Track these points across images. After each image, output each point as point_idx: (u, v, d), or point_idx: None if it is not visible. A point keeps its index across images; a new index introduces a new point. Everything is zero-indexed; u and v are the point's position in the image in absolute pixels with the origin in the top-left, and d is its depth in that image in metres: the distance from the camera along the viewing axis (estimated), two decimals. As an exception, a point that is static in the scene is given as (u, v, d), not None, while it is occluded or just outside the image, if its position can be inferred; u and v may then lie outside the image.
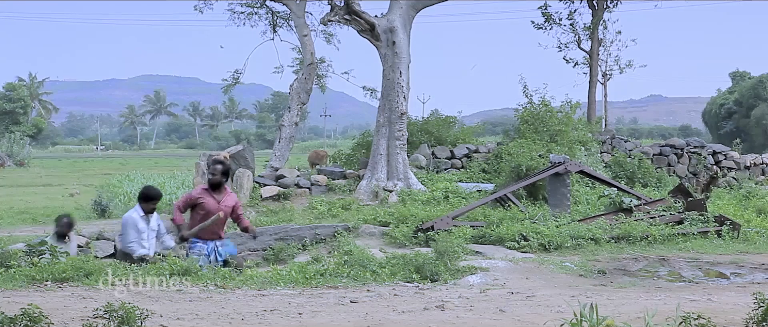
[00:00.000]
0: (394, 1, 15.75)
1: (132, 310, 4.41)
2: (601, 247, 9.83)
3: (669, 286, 7.67)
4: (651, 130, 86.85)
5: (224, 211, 8.06)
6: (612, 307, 5.59)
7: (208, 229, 7.97)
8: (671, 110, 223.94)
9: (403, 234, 10.66)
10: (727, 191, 16.25)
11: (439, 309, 5.75)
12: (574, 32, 27.27)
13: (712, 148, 18.92)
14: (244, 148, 15.03)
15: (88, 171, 36.88)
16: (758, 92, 58.52)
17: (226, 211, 8.12)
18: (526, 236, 9.93)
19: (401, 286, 7.18)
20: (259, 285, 7.16)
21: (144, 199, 8.28)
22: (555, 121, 16.40)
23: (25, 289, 6.58)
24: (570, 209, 11.81)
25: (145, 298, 6.22)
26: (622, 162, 16.68)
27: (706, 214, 11.10)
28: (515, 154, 14.51)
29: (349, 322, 5.20)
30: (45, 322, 4.32)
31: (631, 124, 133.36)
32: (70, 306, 5.66)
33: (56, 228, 8.69)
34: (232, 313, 5.55)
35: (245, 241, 10.34)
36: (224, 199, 8.16)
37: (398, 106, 15.34)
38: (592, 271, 8.41)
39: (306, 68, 18.64)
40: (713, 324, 4.31)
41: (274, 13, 21.57)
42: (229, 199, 8.26)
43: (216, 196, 8.09)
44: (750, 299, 4.71)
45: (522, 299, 6.34)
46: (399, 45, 15.36)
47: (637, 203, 11.53)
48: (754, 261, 9.19)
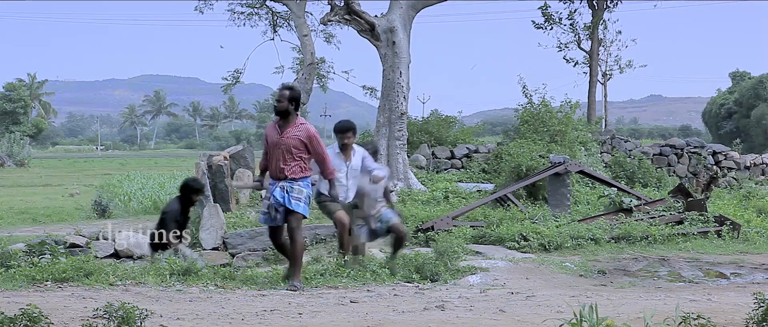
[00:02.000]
0: (394, 1, 15.75)
1: (132, 310, 4.41)
2: (601, 247, 9.83)
3: (669, 286, 7.67)
4: (651, 130, 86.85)
5: (285, 144, 7.05)
6: (612, 307, 5.59)
7: (271, 166, 7.18)
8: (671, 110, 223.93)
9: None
10: (727, 191, 16.26)
11: (439, 309, 5.75)
12: (574, 32, 27.32)
13: (712, 148, 18.93)
14: (244, 148, 15.00)
15: (88, 171, 36.88)
16: (758, 92, 58.49)
17: (290, 144, 7.06)
18: (526, 236, 9.93)
19: (401, 286, 7.18)
20: (259, 285, 7.17)
21: (339, 130, 8.01)
22: (555, 122, 16.40)
23: (25, 289, 6.58)
24: (570, 209, 11.81)
25: (145, 298, 6.22)
26: (622, 162, 16.68)
27: (706, 214, 11.10)
28: (515, 154, 14.51)
29: (349, 322, 5.20)
30: (45, 322, 4.32)
31: (631, 124, 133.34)
32: (70, 306, 5.66)
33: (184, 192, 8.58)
34: (232, 313, 5.55)
35: (245, 240, 10.34)
36: (289, 130, 7.11)
37: (398, 106, 15.34)
38: (592, 271, 8.41)
39: (306, 68, 18.64)
40: (713, 324, 4.31)
41: (274, 13, 21.57)
42: (299, 130, 7.12)
43: (280, 127, 7.16)
44: (750, 299, 4.71)
45: (522, 299, 6.34)
46: (399, 45, 15.35)
47: (637, 203, 11.53)
48: (754, 261, 9.19)
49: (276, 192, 7.07)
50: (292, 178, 7.07)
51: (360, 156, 8.08)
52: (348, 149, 8.01)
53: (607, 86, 31.00)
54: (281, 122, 7.17)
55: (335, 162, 7.64)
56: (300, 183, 7.12)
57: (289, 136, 7.08)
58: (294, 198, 7.05)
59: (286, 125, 7.13)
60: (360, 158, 8.07)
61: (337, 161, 7.78)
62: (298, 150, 7.08)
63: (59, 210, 15.45)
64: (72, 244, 9.23)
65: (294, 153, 7.07)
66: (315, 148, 7.15)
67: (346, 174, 7.94)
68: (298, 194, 7.08)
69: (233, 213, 11.81)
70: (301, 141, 7.09)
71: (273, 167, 7.16)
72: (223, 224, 10.49)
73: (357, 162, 8.04)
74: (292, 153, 7.06)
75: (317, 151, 7.18)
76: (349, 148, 8.01)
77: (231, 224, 10.80)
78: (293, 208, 7.03)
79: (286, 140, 7.08)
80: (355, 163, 8.02)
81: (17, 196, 20.49)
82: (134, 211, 14.64)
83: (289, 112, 7.11)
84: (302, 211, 7.10)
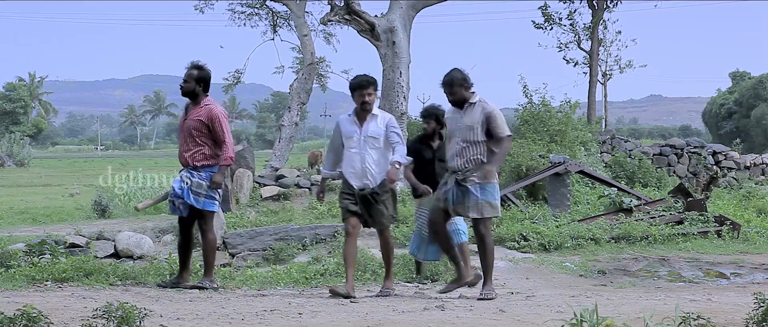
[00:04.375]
0: (394, 1, 15.75)
1: (131, 309, 4.40)
2: (601, 247, 9.83)
3: (669, 286, 7.67)
4: (651, 130, 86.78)
5: (187, 127, 6.62)
6: (612, 307, 5.59)
7: (179, 152, 6.75)
8: (671, 110, 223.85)
9: (403, 234, 10.65)
10: (727, 191, 16.25)
11: (439, 309, 5.75)
12: (574, 32, 27.30)
13: (712, 148, 18.92)
14: (244, 148, 15.02)
15: (88, 171, 36.86)
16: (758, 92, 58.46)
17: (190, 126, 6.61)
18: (526, 236, 9.93)
19: (401, 286, 7.18)
20: (259, 285, 7.17)
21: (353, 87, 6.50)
22: (555, 121, 16.40)
23: (25, 289, 6.58)
24: (570, 209, 11.81)
25: (145, 298, 6.22)
26: (622, 162, 16.68)
27: (706, 214, 11.10)
28: (515, 154, 14.51)
29: (349, 322, 5.20)
30: (44, 322, 4.31)
31: (631, 124, 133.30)
32: (70, 306, 5.65)
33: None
34: (232, 313, 5.54)
35: (245, 240, 10.35)
36: (193, 111, 6.69)
37: (398, 106, 15.33)
38: (592, 271, 8.41)
39: (306, 68, 18.64)
40: (713, 324, 4.31)
41: (274, 14, 21.59)
42: (201, 110, 6.66)
43: (187, 110, 6.78)
44: (750, 299, 4.70)
45: (522, 299, 6.34)
46: (399, 45, 15.35)
47: (637, 203, 11.53)
48: (754, 261, 9.19)
49: (175, 182, 6.71)
50: (194, 166, 6.63)
51: (383, 121, 6.48)
52: (366, 111, 6.48)
53: (607, 86, 30.99)
54: (190, 104, 6.78)
55: (346, 127, 6.51)
56: (202, 173, 6.63)
57: (191, 118, 6.67)
58: (193, 193, 6.63)
59: (192, 107, 6.74)
60: (383, 124, 6.46)
61: (349, 126, 6.51)
62: (200, 132, 6.62)
63: (59, 210, 15.44)
64: (72, 244, 9.22)
65: (195, 136, 6.62)
66: (214, 129, 6.62)
67: (359, 142, 6.44)
68: (198, 188, 6.64)
69: (233, 213, 11.82)
70: (203, 122, 6.62)
71: (179, 153, 6.78)
72: (223, 224, 10.50)
73: (377, 128, 6.45)
74: (193, 136, 6.62)
75: (216, 131, 6.62)
76: (367, 110, 6.46)
77: (231, 224, 10.81)
78: (194, 205, 6.63)
79: (188, 122, 6.67)
80: (373, 129, 6.44)
81: (17, 196, 20.48)
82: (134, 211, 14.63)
83: (196, 94, 6.71)
84: (204, 207, 6.69)
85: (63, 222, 12.66)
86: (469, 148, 6.24)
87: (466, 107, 6.31)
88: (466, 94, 6.31)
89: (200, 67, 6.78)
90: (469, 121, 6.26)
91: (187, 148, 6.66)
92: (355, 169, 6.45)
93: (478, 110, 6.25)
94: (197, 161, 6.64)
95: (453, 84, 6.30)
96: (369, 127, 6.43)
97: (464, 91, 6.30)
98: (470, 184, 6.20)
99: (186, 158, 6.67)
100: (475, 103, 6.29)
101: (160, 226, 10.59)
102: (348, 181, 6.48)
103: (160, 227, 10.57)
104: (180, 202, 6.67)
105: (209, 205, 6.71)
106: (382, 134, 6.41)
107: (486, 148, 6.23)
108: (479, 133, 6.22)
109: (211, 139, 6.67)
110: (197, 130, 6.63)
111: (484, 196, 6.20)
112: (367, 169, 6.43)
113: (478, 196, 6.19)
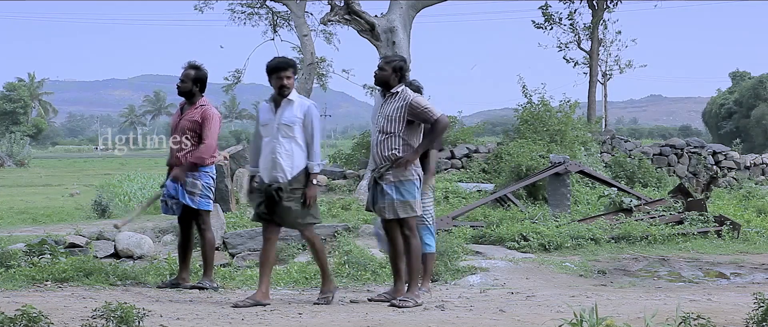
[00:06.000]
0: (394, 1, 15.75)
1: (130, 309, 4.40)
2: (601, 247, 9.82)
3: (669, 286, 7.67)
4: (651, 130, 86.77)
5: (181, 127, 6.61)
6: (612, 307, 5.59)
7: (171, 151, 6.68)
8: (671, 110, 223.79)
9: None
10: (727, 191, 16.25)
11: (439, 309, 5.75)
12: (574, 32, 27.31)
13: (712, 148, 18.93)
14: (244, 148, 15.01)
15: (88, 171, 36.86)
16: (758, 92, 58.46)
17: (185, 126, 6.60)
18: (526, 236, 9.92)
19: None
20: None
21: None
22: (555, 121, 16.40)
23: (25, 289, 6.58)
24: (570, 209, 11.81)
25: (145, 298, 6.23)
26: (622, 162, 16.68)
27: (706, 214, 11.09)
28: (515, 154, 14.51)
29: (349, 322, 5.20)
30: (44, 322, 4.32)
31: (631, 124, 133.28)
32: (70, 306, 5.66)
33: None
34: (232, 313, 5.55)
35: (245, 240, 10.34)
36: (189, 112, 6.68)
37: (398, 106, 15.34)
38: (592, 271, 8.40)
39: (306, 68, 18.64)
40: (713, 324, 4.31)
41: (274, 13, 21.62)
42: (195, 111, 6.64)
43: (182, 110, 6.78)
44: (750, 299, 4.71)
45: (522, 299, 6.34)
46: (399, 45, 15.35)
47: (637, 203, 11.52)
48: (754, 261, 9.18)
49: (169, 182, 6.65)
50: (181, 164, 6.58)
51: (301, 109, 5.90)
52: (283, 96, 5.89)
53: (607, 86, 31.05)
54: (185, 104, 6.76)
55: (263, 115, 6.01)
56: (195, 173, 6.57)
57: (186, 118, 6.64)
58: (188, 192, 6.59)
59: (188, 107, 6.72)
60: (300, 112, 5.88)
61: (265, 114, 6.00)
62: (194, 132, 6.59)
63: (59, 210, 15.43)
64: (72, 244, 9.21)
65: (189, 136, 6.60)
66: (203, 126, 6.56)
67: (272, 130, 5.85)
68: (192, 187, 6.57)
69: (233, 213, 11.81)
70: (198, 123, 6.60)
71: (170, 152, 6.74)
72: (223, 224, 10.50)
73: (292, 115, 5.87)
74: (187, 136, 6.61)
75: (203, 128, 6.56)
76: (284, 95, 5.88)
77: (231, 224, 10.80)
78: (188, 204, 6.59)
79: (183, 122, 6.65)
80: (287, 116, 5.86)
81: (17, 196, 20.47)
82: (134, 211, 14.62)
83: (193, 93, 6.66)
84: (198, 207, 6.64)
85: (63, 222, 12.65)
86: (386, 141, 5.81)
87: (387, 96, 5.91)
88: (391, 81, 5.88)
89: (197, 67, 6.79)
90: (389, 110, 5.85)
91: (180, 148, 6.65)
92: (265, 161, 5.90)
93: (399, 99, 5.83)
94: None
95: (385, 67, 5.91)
96: (284, 114, 5.85)
97: (392, 76, 5.86)
98: (385, 183, 5.78)
99: (179, 158, 6.65)
100: (398, 93, 5.87)
101: (160, 226, 10.59)
102: (261, 176, 5.98)
103: (160, 227, 10.57)
104: (173, 202, 6.67)
105: (205, 204, 6.74)
106: (297, 122, 5.83)
107: (403, 141, 5.79)
108: (398, 125, 5.80)
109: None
110: (192, 130, 6.63)
111: (399, 196, 5.77)
112: (276, 161, 5.81)
113: (393, 196, 5.77)
